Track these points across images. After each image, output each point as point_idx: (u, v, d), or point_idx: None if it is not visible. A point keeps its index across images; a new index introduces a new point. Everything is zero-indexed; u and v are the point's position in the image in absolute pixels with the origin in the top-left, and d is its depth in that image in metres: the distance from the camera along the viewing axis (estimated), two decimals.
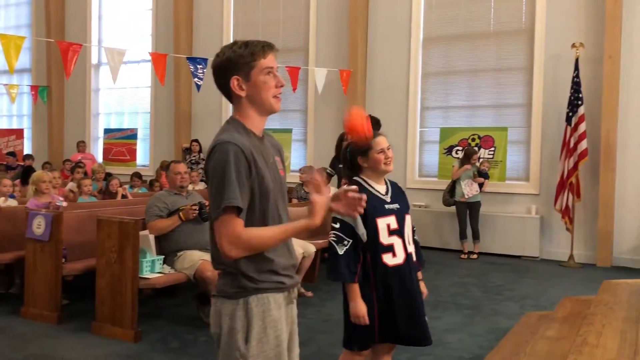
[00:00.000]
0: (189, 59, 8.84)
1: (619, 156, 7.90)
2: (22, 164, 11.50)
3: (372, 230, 2.81)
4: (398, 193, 3.00)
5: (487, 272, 7.40)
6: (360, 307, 2.79)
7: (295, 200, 7.51)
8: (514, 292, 6.34)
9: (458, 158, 8.65)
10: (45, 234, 4.93)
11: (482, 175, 8.22)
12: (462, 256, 8.31)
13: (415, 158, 9.47)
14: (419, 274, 3.06)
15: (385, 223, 2.83)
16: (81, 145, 12.14)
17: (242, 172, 1.91)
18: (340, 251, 2.74)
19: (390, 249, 2.82)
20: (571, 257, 7.94)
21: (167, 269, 4.88)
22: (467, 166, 8.21)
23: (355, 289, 2.80)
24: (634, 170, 7.87)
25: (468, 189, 8.22)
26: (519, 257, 8.37)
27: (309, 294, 5.93)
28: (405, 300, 2.87)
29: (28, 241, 5.08)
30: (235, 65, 2.01)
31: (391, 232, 2.83)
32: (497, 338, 4.42)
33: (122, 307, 4.57)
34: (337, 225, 2.79)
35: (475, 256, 8.27)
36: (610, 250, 7.91)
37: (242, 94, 2.03)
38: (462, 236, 8.37)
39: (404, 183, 9.35)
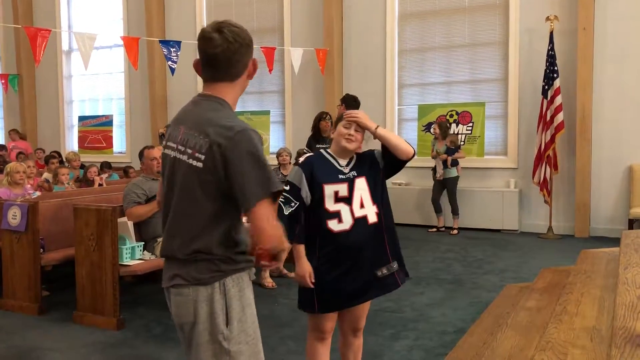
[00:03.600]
0: (161, 42, 8.69)
1: (594, 127, 7.99)
2: None
3: (319, 196, 2.82)
4: (364, 161, 2.95)
5: (467, 246, 7.48)
6: (304, 267, 2.84)
7: None
8: (494, 266, 6.42)
9: (435, 136, 8.66)
10: (21, 224, 4.85)
11: (448, 152, 8.34)
12: (431, 230, 8.48)
13: None
14: None
15: (333, 190, 2.83)
16: (12, 134, 11.90)
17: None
18: (287, 212, 2.77)
19: (336, 215, 2.82)
20: (550, 229, 8.06)
21: (147, 255, 4.83)
22: (441, 153, 8.38)
23: (299, 249, 2.86)
24: (609, 141, 7.96)
25: (438, 168, 8.36)
26: (498, 230, 8.46)
27: (292, 274, 5.93)
28: (351, 257, 2.84)
29: (4, 232, 4.99)
30: (251, 48, 2.03)
31: (338, 200, 2.83)
32: (479, 311, 4.48)
33: (103, 296, 4.53)
34: (288, 188, 2.84)
35: (455, 232, 8.35)
36: (587, 221, 8.04)
37: (248, 78, 2.04)
38: (436, 210, 8.53)
39: None
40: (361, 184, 2.88)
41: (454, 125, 8.93)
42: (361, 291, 2.88)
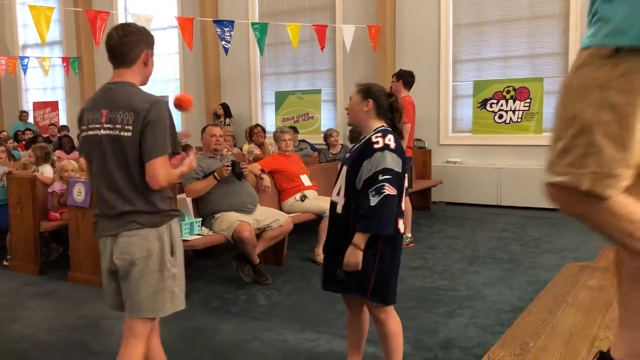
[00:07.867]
0: (215, 22, 8.78)
1: None
2: (60, 135, 11.73)
3: None
4: (363, 151, 2.79)
5: (524, 225, 7.32)
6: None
7: (323, 163, 7.49)
8: (553, 245, 6.26)
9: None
10: (85, 200, 5.05)
11: None
12: None
13: (448, 113, 9.31)
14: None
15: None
16: (24, 115, 12.36)
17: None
18: None
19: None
20: None
21: (205, 231, 4.96)
22: None
23: None
24: None
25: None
26: (556, 210, 8.20)
27: None
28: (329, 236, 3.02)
29: (70, 208, 5.22)
30: (143, 42, 2.58)
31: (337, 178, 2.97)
32: (537, 290, 4.38)
33: None
34: None
35: None
36: None
37: (144, 66, 2.60)
38: None
39: (437, 139, 9.25)
40: (344, 173, 2.85)
41: (510, 101, 8.70)
42: (326, 276, 2.94)
